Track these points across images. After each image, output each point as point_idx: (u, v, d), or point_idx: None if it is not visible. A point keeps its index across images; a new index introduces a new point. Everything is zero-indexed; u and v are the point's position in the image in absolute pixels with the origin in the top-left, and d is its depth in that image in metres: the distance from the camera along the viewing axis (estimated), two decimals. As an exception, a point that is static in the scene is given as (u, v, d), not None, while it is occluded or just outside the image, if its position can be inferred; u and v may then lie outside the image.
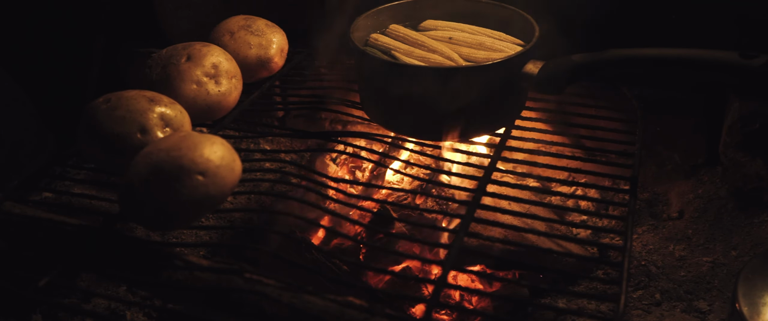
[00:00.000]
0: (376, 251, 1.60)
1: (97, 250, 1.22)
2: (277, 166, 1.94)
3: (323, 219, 1.69)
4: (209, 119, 1.51)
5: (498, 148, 1.47)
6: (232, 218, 1.89)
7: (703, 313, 1.54)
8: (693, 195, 1.82)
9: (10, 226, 1.31)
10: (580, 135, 1.60)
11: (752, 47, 1.22)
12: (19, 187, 1.39)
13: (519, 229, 1.38)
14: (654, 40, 1.34)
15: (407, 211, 1.58)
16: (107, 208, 1.35)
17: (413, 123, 1.49)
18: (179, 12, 2.07)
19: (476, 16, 1.63)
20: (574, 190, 1.89)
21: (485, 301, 1.58)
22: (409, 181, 1.68)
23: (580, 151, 1.60)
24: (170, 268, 1.19)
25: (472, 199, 1.31)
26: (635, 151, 1.45)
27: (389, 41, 1.56)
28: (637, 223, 1.80)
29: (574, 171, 1.74)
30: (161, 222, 1.17)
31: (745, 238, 1.67)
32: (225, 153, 1.16)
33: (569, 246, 1.64)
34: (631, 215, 1.28)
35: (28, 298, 1.19)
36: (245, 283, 1.15)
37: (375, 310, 1.10)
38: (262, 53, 1.63)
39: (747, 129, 1.68)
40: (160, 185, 1.12)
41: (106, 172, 1.39)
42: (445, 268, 1.16)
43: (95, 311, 1.56)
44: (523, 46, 1.51)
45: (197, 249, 1.68)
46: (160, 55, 1.49)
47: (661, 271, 1.65)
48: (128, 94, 1.32)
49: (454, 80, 1.40)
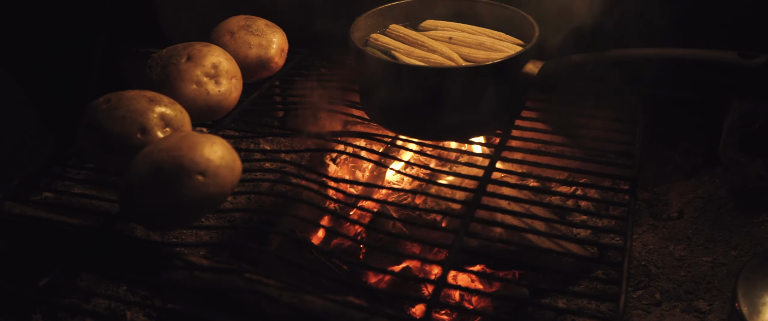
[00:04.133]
0: (376, 251, 1.60)
1: (97, 250, 1.22)
2: (277, 166, 1.94)
3: (323, 219, 1.69)
4: (209, 119, 1.51)
5: (498, 148, 1.47)
6: (232, 218, 1.88)
7: (703, 313, 1.54)
8: (693, 195, 1.82)
9: (10, 226, 1.31)
10: (580, 135, 1.60)
11: (752, 47, 1.22)
12: (19, 187, 1.39)
13: (519, 229, 1.38)
14: (654, 40, 1.34)
15: (407, 211, 1.58)
16: (107, 208, 1.35)
17: (413, 123, 1.49)
18: (179, 12, 2.07)
19: (476, 16, 1.63)
20: (574, 190, 1.89)
21: (485, 301, 1.58)
22: (409, 181, 1.68)
23: (580, 151, 1.60)
24: (170, 268, 1.19)
25: (472, 199, 1.31)
26: (635, 151, 1.45)
27: (389, 41, 1.56)
28: (637, 223, 1.80)
29: (574, 171, 1.74)
30: (161, 222, 1.17)
31: (745, 238, 1.67)
32: (225, 153, 1.16)
33: (569, 246, 1.64)
34: (631, 215, 1.28)
35: (28, 298, 1.19)
36: (245, 283, 1.15)
37: (375, 310, 1.10)
38: (262, 53, 1.63)
39: (747, 129, 1.68)
40: (160, 185, 1.12)
41: (106, 172, 1.39)
42: (445, 268, 1.16)
43: (95, 311, 1.56)
44: (523, 46, 1.51)
45: (197, 249, 1.68)
46: (160, 55, 1.49)
47: (661, 271, 1.65)
48: (128, 94, 1.32)
49: (453, 80, 1.40)
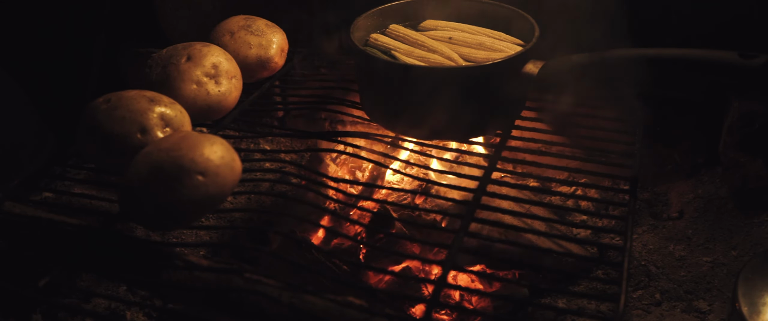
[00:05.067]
0: (376, 251, 1.60)
1: (97, 250, 1.22)
2: (277, 166, 1.94)
3: (323, 219, 1.69)
4: (209, 119, 1.51)
5: (498, 148, 1.47)
6: (232, 218, 1.89)
7: (703, 313, 1.54)
8: (693, 195, 1.82)
9: (10, 226, 1.30)
10: (580, 135, 1.60)
11: (752, 47, 1.22)
12: (19, 187, 1.39)
13: (519, 229, 1.38)
14: (654, 40, 1.34)
15: (407, 211, 1.58)
16: (107, 208, 1.35)
17: (413, 123, 1.49)
18: (179, 12, 2.07)
19: (476, 16, 1.63)
20: (574, 190, 1.89)
21: (485, 301, 1.58)
22: (409, 181, 1.68)
23: (580, 151, 1.60)
24: (170, 268, 1.19)
25: (472, 199, 1.31)
26: (635, 151, 1.45)
27: (389, 41, 1.56)
28: (637, 223, 1.80)
29: (574, 171, 1.74)
30: (161, 222, 1.17)
31: (745, 238, 1.67)
32: (225, 153, 1.16)
33: (569, 246, 1.64)
34: (631, 215, 1.28)
35: (28, 298, 1.19)
36: (245, 283, 1.15)
37: (375, 310, 1.10)
38: (262, 53, 1.63)
39: (747, 129, 1.68)
40: (160, 185, 1.12)
41: (106, 172, 1.39)
42: (445, 268, 1.16)
43: (95, 311, 1.56)
44: (523, 46, 1.51)
45: (197, 249, 1.68)
46: (160, 55, 1.49)
47: (661, 271, 1.65)
48: (128, 94, 1.32)
49: (453, 80, 1.40)
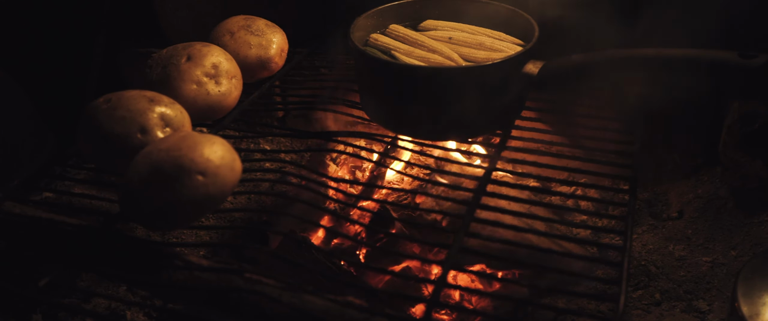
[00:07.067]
0: (376, 251, 1.60)
1: (97, 250, 1.22)
2: (277, 166, 1.94)
3: (323, 219, 1.69)
4: (209, 119, 1.51)
5: (498, 148, 1.47)
6: (232, 218, 1.89)
7: (703, 312, 1.54)
8: (693, 195, 1.82)
9: (10, 226, 1.31)
10: (580, 135, 1.60)
11: (752, 47, 1.22)
12: (19, 187, 1.39)
13: (519, 229, 1.37)
14: (654, 40, 1.34)
15: (407, 211, 1.58)
16: (107, 208, 1.35)
17: (413, 123, 1.49)
18: (179, 12, 2.07)
19: (476, 16, 1.63)
20: (574, 190, 1.89)
21: (485, 301, 1.58)
22: (409, 181, 1.68)
23: (580, 151, 1.60)
24: (170, 268, 1.19)
25: (472, 199, 1.31)
26: (635, 151, 1.45)
27: (389, 41, 1.56)
28: (637, 223, 1.80)
29: (574, 171, 1.74)
30: (161, 222, 1.17)
31: (744, 238, 1.67)
32: (225, 153, 1.16)
33: (569, 246, 1.64)
34: (630, 215, 1.28)
35: (28, 298, 1.19)
36: (245, 283, 1.15)
37: (375, 310, 1.10)
38: (262, 53, 1.63)
39: (747, 129, 1.68)
40: (160, 185, 1.12)
41: (106, 172, 1.39)
42: (445, 268, 1.16)
43: (95, 311, 1.56)
44: (523, 46, 1.51)
45: (197, 249, 1.68)
46: (160, 55, 1.49)
47: (660, 271, 1.65)
48: (128, 94, 1.32)
49: (453, 80, 1.40)
